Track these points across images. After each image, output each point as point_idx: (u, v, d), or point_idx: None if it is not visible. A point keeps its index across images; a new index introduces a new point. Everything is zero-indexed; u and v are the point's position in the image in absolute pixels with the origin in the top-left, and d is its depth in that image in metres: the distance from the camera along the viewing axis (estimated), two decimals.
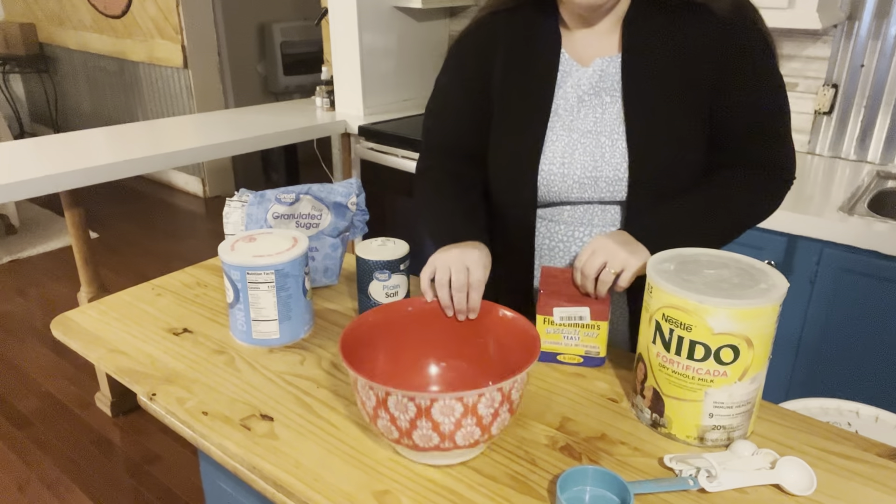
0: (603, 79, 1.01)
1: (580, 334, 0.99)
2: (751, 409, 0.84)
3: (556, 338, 1.00)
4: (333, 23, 2.75)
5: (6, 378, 2.68)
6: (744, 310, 0.77)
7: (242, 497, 0.99)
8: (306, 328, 1.08)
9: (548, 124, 1.03)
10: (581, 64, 1.03)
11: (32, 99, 5.88)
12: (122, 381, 0.97)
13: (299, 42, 4.84)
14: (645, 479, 0.78)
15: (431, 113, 1.16)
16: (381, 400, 0.74)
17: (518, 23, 1.06)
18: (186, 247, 3.97)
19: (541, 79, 1.04)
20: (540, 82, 1.04)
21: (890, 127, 2.06)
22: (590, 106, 1.02)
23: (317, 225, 1.19)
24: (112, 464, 2.22)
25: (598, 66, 1.01)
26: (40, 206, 4.44)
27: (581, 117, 1.02)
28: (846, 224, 1.63)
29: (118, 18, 4.69)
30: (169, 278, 1.27)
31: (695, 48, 0.97)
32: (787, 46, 2.15)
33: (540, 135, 1.03)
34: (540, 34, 1.05)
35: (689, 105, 0.98)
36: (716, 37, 0.96)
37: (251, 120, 2.75)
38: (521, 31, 1.05)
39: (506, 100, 1.06)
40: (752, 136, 0.99)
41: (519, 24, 1.05)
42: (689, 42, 0.97)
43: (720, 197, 0.99)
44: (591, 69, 1.02)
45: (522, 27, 1.05)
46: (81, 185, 2.05)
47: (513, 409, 0.78)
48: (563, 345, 1.00)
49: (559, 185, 1.03)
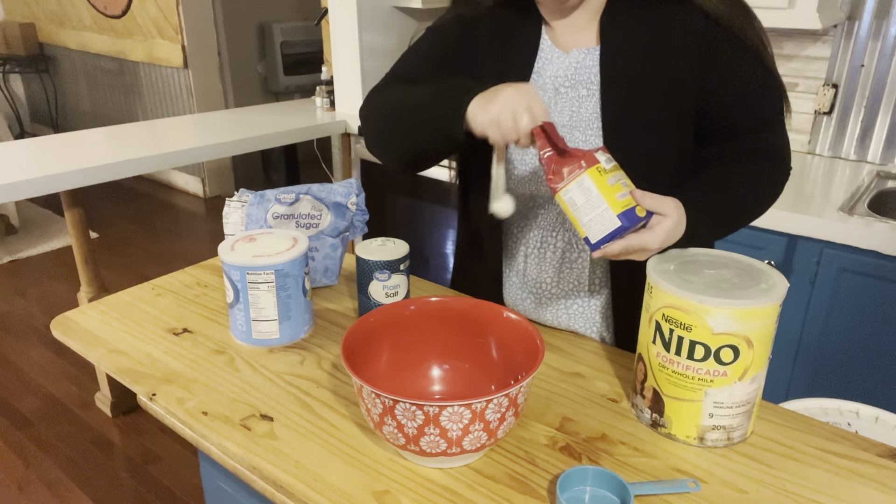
0: (579, 71, 1.00)
1: (630, 185, 0.83)
2: (751, 409, 0.84)
3: (616, 189, 0.81)
4: (333, 23, 2.75)
5: (6, 378, 2.68)
6: (744, 310, 0.77)
7: (242, 497, 0.99)
8: (306, 328, 1.08)
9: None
10: (563, 51, 1.02)
11: (32, 99, 5.88)
12: (122, 381, 0.97)
13: (299, 42, 4.84)
14: (645, 480, 0.78)
15: (407, 52, 1.13)
16: (389, 408, 0.73)
17: (502, 13, 1.05)
18: (186, 247, 3.97)
19: (520, 67, 1.03)
20: (518, 70, 1.03)
21: (890, 127, 2.06)
22: (566, 99, 1.01)
23: (317, 225, 1.19)
24: (112, 464, 2.22)
25: (575, 57, 1.00)
26: (40, 206, 4.44)
27: (557, 111, 1.01)
28: (846, 224, 1.63)
29: (118, 18, 4.69)
30: (169, 278, 1.27)
31: (677, 40, 0.94)
32: (787, 46, 2.15)
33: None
34: (523, 25, 1.04)
35: (669, 99, 0.96)
36: (700, 28, 0.93)
37: (251, 120, 2.75)
38: (505, 21, 1.05)
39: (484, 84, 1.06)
40: (747, 127, 0.98)
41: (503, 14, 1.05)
42: (670, 34, 0.95)
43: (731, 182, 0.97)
44: (569, 58, 1.01)
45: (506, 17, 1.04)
46: (81, 185, 2.05)
47: (518, 412, 0.78)
48: (623, 194, 0.81)
49: (530, 176, 1.03)
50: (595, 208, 0.80)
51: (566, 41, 1.02)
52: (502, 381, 0.89)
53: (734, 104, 0.96)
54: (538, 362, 0.78)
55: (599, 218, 0.80)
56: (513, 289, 1.13)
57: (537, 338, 0.83)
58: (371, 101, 1.08)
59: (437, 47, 1.09)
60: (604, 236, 0.81)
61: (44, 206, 4.43)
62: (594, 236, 0.81)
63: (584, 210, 0.80)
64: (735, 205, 0.97)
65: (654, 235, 0.84)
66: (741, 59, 0.94)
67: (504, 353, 0.90)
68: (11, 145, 2.29)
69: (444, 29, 1.09)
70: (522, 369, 0.85)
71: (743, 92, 0.96)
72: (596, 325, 1.10)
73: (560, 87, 1.01)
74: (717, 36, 0.93)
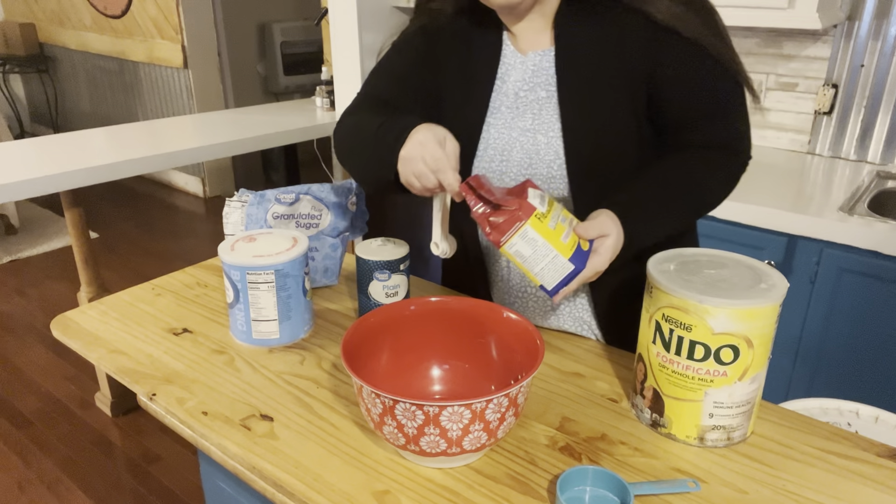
0: (537, 73, 1.01)
1: (568, 216, 0.84)
2: (751, 409, 0.84)
3: (559, 231, 0.81)
4: (333, 23, 2.75)
5: (6, 378, 2.68)
6: (744, 310, 0.77)
7: (242, 497, 0.99)
8: (306, 328, 1.08)
9: (486, 121, 1.04)
10: (522, 55, 1.03)
11: (32, 99, 5.88)
12: (122, 381, 0.97)
13: (299, 42, 4.84)
14: (645, 481, 0.78)
15: (376, 69, 1.13)
16: (389, 408, 0.73)
17: (464, 22, 1.05)
18: (186, 247, 3.97)
19: (483, 74, 1.04)
20: (483, 78, 1.04)
21: (890, 127, 2.06)
22: (526, 102, 1.01)
23: (317, 225, 1.19)
24: (112, 464, 2.22)
25: (532, 60, 1.01)
26: (40, 206, 4.44)
27: (520, 115, 1.02)
28: (846, 224, 1.63)
29: (118, 18, 4.69)
30: (169, 278, 1.27)
31: (628, 38, 0.95)
32: (787, 46, 2.15)
33: (476, 132, 1.04)
34: (484, 32, 1.04)
35: (624, 95, 0.96)
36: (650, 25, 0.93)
37: (251, 120, 2.75)
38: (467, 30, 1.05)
39: (449, 92, 1.06)
40: (697, 119, 0.97)
41: (465, 22, 1.05)
42: (621, 32, 0.95)
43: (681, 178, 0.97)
44: (527, 61, 1.01)
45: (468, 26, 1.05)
46: (81, 185, 2.05)
47: (518, 412, 0.78)
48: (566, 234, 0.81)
49: (496, 182, 1.04)
50: (544, 257, 0.79)
51: (524, 45, 1.02)
52: (502, 381, 0.89)
53: (683, 97, 0.96)
54: (538, 362, 0.78)
55: (551, 265, 0.79)
56: (500, 293, 1.14)
57: (537, 338, 0.83)
58: (340, 125, 1.08)
59: (403, 62, 1.09)
60: (559, 282, 0.81)
61: (44, 206, 4.43)
62: (549, 283, 0.81)
63: (533, 261, 0.79)
64: (672, 202, 0.97)
65: (602, 258, 0.86)
66: (688, 52, 0.94)
67: (504, 353, 0.90)
68: (11, 145, 2.29)
69: (409, 43, 1.09)
70: (522, 369, 0.85)
71: (691, 84, 0.95)
72: (586, 322, 1.10)
73: (520, 91, 1.02)
74: (666, 30, 0.93)
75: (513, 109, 1.03)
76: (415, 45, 1.08)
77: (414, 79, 1.08)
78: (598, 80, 0.97)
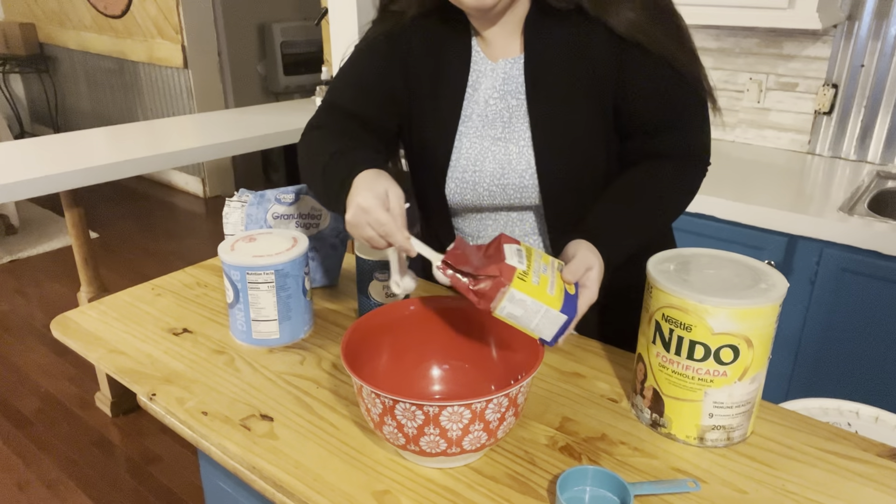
0: (507, 81, 1.01)
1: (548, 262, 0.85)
2: (751, 409, 0.84)
3: (544, 284, 0.82)
4: (333, 23, 2.75)
5: (6, 378, 2.68)
6: (744, 310, 0.77)
7: (242, 497, 0.99)
8: (306, 328, 1.08)
9: (458, 129, 1.03)
10: (493, 62, 1.02)
11: (32, 99, 5.88)
12: (122, 381, 0.97)
13: (299, 42, 4.84)
14: (645, 480, 0.78)
15: (340, 75, 1.09)
16: (388, 408, 0.73)
17: (429, 25, 1.03)
18: (186, 247, 3.97)
19: (454, 82, 1.03)
20: (453, 85, 1.03)
21: (890, 127, 2.06)
22: (496, 110, 1.01)
23: (317, 225, 1.19)
24: (112, 464, 2.22)
25: (503, 67, 1.01)
26: (40, 206, 4.44)
27: (490, 123, 1.02)
28: (846, 224, 1.63)
29: (118, 18, 4.69)
30: (169, 278, 1.27)
31: (594, 47, 0.95)
32: (787, 46, 2.15)
33: (449, 141, 1.03)
34: (453, 37, 1.03)
35: (592, 102, 0.97)
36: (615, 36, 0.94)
37: (251, 120, 2.75)
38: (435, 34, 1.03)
39: (419, 100, 1.05)
40: (657, 127, 0.99)
41: (431, 26, 1.03)
42: (587, 41, 0.95)
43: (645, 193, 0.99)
44: (497, 68, 1.01)
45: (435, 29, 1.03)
46: (81, 185, 2.05)
47: (518, 412, 0.78)
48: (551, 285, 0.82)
49: (471, 192, 1.04)
50: (536, 313, 0.80)
51: (495, 51, 1.02)
52: (502, 381, 0.89)
53: (646, 107, 0.98)
54: (538, 362, 0.78)
55: (545, 319, 0.80)
56: None
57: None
58: (303, 140, 1.04)
59: (367, 69, 1.06)
60: (556, 333, 0.82)
61: (44, 206, 4.43)
62: (547, 335, 0.82)
63: (526, 319, 0.80)
64: (639, 218, 0.99)
65: (591, 291, 0.87)
66: (651, 63, 0.95)
67: (504, 353, 0.91)
68: (11, 145, 2.29)
69: (372, 48, 1.06)
70: (522, 369, 0.85)
71: (654, 95, 0.97)
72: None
73: (490, 100, 1.02)
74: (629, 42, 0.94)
75: (483, 118, 1.02)
76: (380, 51, 1.05)
77: (380, 88, 1.05)
78: (567, 88, 0.97)
